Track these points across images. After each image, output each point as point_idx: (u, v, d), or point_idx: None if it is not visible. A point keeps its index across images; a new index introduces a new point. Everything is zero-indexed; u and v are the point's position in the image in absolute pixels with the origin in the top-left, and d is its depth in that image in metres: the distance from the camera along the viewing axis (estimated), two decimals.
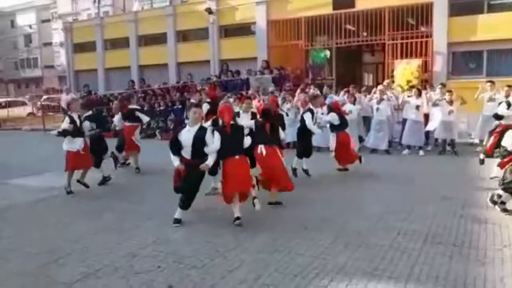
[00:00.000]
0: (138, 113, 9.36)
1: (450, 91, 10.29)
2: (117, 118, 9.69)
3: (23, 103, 28.72)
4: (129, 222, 5.94)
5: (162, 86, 18.28)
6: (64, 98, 17.15)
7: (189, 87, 16.37)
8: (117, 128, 9.88)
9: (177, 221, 5.71)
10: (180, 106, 15.66)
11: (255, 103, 9.42)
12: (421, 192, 7.05)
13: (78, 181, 7.90)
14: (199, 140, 5.53)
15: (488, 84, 10.71)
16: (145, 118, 9.60)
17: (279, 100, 10.37)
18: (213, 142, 5.60)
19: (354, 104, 11.24)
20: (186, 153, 5.63)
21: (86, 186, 7.96)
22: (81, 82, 23.97)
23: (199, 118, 5.80)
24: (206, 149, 5.59)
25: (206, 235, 5.29)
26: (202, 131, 5.61)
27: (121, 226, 5.77)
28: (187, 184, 5.63)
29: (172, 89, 17.69)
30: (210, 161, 5.58)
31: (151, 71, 21.91)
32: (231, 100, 10.41)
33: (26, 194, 7.69)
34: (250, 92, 12.81)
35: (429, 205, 6.24)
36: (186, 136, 5.60)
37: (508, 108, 7.72)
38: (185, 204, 5.72)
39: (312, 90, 11.82)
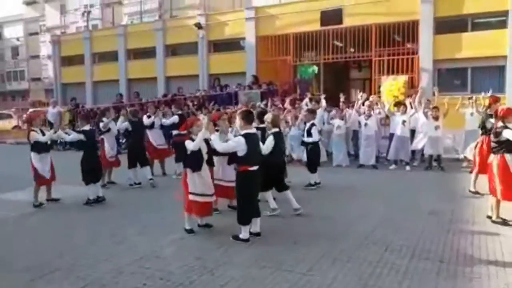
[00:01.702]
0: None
1: (436, 107, 10.44)
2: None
3: (9, 116, 28.35)
4: (118, 236, 5.87)
5: (150, 99, 18.22)
6: (51, 112, 17.01)
7: (177, 100, 16.36)
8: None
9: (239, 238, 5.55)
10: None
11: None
12: (408, 207, 7.09)
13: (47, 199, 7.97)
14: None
15: (469, 101, 10.90)
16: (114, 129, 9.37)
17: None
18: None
19: (342, 119, 11.37)
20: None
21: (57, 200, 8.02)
22: (68, 95, 23.84)
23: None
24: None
25: (195, 250, 5.25)
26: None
27: (110, 241, 5.70)
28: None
29: (160, 103, 17.63)
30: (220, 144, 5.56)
31: (140, 85, 21.90)
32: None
33: (13, 209, 7.56)
34: (238, 106, 12.86)
35: (417, 220, 6.28)
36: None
37: None
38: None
39: (306, 105, 11.84)
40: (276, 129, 6.56)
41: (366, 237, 5.58)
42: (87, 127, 7.98)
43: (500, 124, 6.06)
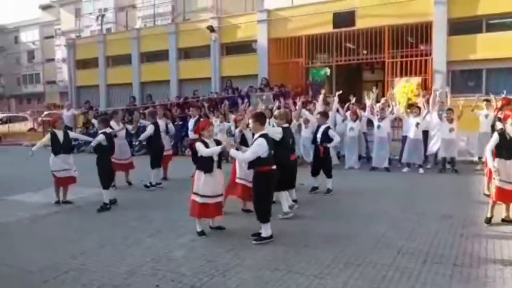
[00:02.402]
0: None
1: (450, 109, 10.33)
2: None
3: (24, 119, 28.80)
4: (130, 238, 5.92)
5: (163, 102, 18.37)
6: (65, 114, 17.23)
7: (191, 103, 16.43)
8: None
9: (263, 238, 5.60)
10: (181, 122, 15.70)
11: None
12: (421, 210, 7.02)
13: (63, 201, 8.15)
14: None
15: (484, 102, 10.76)
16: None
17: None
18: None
19: (355, 121, 11.30)
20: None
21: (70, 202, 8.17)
22: (82, 98, 24.14)
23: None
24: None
25: (207, 253, 5.27)
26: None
27: (121, 243, 5.75)
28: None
29: (172, 105, 17.77)
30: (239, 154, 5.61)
31: (153, 88, 22.06)
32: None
33: (26, 211, 7.67)
34: (250, 108, 12.85)
35: (430, 224, 6.22)
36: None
37: None
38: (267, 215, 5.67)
39: (320, 107, 11.74)
40: (286, 124, 6.79)
41: (378, 240, 5.54)
42: (107, 130, 7.94)
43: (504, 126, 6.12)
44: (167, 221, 6.66)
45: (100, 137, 7.62)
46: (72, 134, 8.81)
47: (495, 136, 6.18)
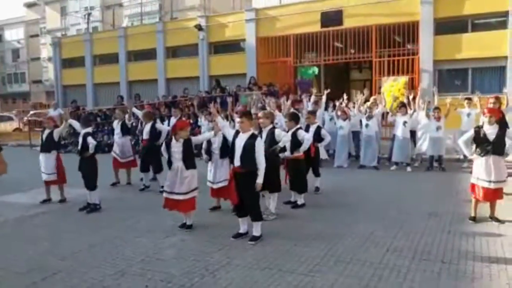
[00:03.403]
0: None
1: (437, 108, 10.45)
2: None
3: (10, 118, 28.40)
4: (119, 239, 5.88)
5: (151, 101, 18.25)
6: (52, 114, 17.03)
7: (179, 102, 16.37)
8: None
9: (257, 238, 5.61)
10: (167, 122, 15.57)
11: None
12: (409, 208, 7.09)
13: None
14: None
15: (466, 101, 10.90)
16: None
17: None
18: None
19: (345, 120, 11.34)
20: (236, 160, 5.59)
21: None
22: (69, 97, 23.92)
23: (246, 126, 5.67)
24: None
25: (197, 252, 5.25)
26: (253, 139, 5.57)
27: (111, 243, 5.71)
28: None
29: (161, 104, 17.66)
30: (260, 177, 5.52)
31: (141, 87, 21.94)
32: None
33: (13, 212, 7.58)
34: (239, 108, 12.86)
35: (418, 221, 6.28)
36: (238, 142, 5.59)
37: None
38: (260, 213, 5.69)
39: (311, 106, 11.75)
40: (270, 126, 6.70)
41: (367, 239, 5.58)
42: (89, 129, 7.84)
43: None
44: (156, 221, 6.63)
45: (91, 139, 7.52)
46: (71, 121, 8.44)
47: (471, 131, 6.32)
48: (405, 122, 10.56)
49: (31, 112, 28.23)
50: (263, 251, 5.23)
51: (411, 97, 11.40)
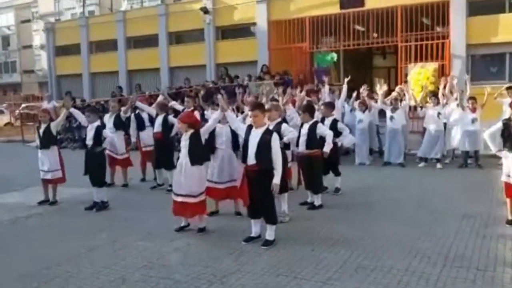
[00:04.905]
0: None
1: (473, 98, 10.34)
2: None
3: (0, 112, 28.79)
4: (119, 242, 5.94)
5: (153, 92, 18.32)
6: (46, 107, 17.21)
7: (183, 94, 16.41)
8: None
9: (271, 242, 5.63)
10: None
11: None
12: (440, 209, 7.04)
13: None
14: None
15: (508, 90, 10.75)
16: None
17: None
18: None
19: (364, 112, 11.28)
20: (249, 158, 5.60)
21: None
22: (63, 88, 24.09)
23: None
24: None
25: (204, 257, 5.29)
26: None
27: (110, 247, 5.77)
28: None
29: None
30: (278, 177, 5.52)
31: (142, 76, 22.03)
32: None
33: (7, 212, 7.69)
34: (249, 99, 12.86)
35: (449, 224, 6.24)
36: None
37: None
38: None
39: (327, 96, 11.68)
40: (278, 119, 6.76)
41: (392, 243, 5.56)
42: (99, 122, 7.96)
43: None
44: (160, 223, 6.67)
45: (107, 132, 7.87)
46: (73, 111, 8.55)
47: (499, 123, 6.24)
48: (439, 114, 10.46)
49: (23, 105, 28.53)
50: (277, 256, 5.24)
51: (441, 86, 11.30)
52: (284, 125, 6.72)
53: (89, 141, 7.65)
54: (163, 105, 9.41)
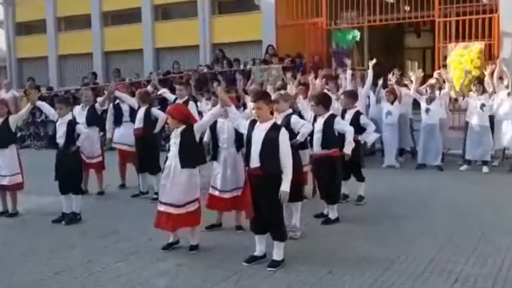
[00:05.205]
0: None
1: None
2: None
3: None
4: (94, 263, 5.95)
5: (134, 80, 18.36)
6: (4, 97, 17.25)
7: (172, 80, 16.44)
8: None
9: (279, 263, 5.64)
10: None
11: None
12: (486, 223, 7.04)
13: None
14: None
15: None
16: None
17: None
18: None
19: (393, 103, 11.27)
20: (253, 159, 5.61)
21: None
22: (25, 74, 24.12)
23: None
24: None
25: (197, 282, 5.29)
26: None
27: (84, 269, 5.77)
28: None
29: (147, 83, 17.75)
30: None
31: (121, 59, 22.06)
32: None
33: None
34: (252, 86, 12.89)
35: (498, 241, 6.24)
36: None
37: None
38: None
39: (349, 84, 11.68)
40: (289, 110, 6.85)
41: (428, 264, 5.56)
42: (70, 116, 7.97)
43: None
44: (143, 240, 6.69)
45: (82, 128, 7.88)
46: (40, 104, 8.46)
47: None
48: (482, 105, 10.44)
49: None
50: (287, 280, 5.24)
51: (488, 71, 11.25)
52: (294, 117, 6.67)
53: (60, 139, 7.65)
54: (145, 94, 9.40)
